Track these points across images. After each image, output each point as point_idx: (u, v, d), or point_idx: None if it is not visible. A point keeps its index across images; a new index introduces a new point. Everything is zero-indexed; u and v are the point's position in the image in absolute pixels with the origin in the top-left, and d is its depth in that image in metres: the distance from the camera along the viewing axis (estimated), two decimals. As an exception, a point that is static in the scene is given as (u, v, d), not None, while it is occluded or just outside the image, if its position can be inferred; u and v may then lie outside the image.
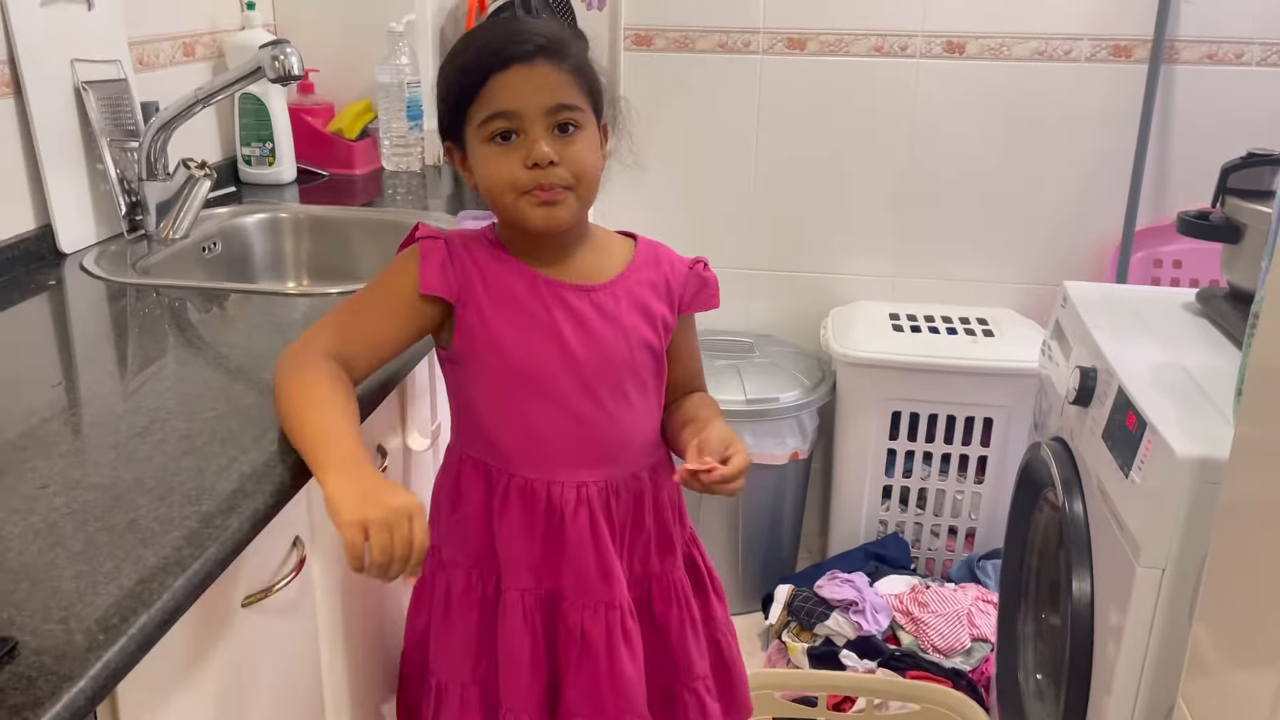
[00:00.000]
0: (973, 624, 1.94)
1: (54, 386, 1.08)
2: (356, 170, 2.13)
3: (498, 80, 1.00)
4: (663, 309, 1.13)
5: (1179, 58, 2.16)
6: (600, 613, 1.12)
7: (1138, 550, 1.15)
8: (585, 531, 1.10)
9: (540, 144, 1.00)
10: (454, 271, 1.06)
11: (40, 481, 0.88)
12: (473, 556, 1.14)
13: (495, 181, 1.02)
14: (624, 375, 1.10)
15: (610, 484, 1.11)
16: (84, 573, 0.75)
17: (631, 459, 1.13)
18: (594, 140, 1.05)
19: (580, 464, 1.10)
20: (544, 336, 1.07)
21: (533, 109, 1.00)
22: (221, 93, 1.58)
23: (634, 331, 1.10)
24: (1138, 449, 1.18)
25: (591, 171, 1.04)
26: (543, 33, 1.02)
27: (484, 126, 1.01)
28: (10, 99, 1.44)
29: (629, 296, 1.11)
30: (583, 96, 1.03)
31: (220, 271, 1.71)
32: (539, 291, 1.08)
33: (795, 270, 2.42)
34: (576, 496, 1.10)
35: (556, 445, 1.09)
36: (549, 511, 1.10)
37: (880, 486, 2.22)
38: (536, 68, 1.00)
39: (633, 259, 1.13)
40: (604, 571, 1.11)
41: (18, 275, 1.44)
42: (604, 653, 1.12)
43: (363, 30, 2.12)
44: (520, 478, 1.10)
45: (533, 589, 1.12)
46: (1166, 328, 1.46)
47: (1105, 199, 2.25)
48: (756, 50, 2.29)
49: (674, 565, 1.19)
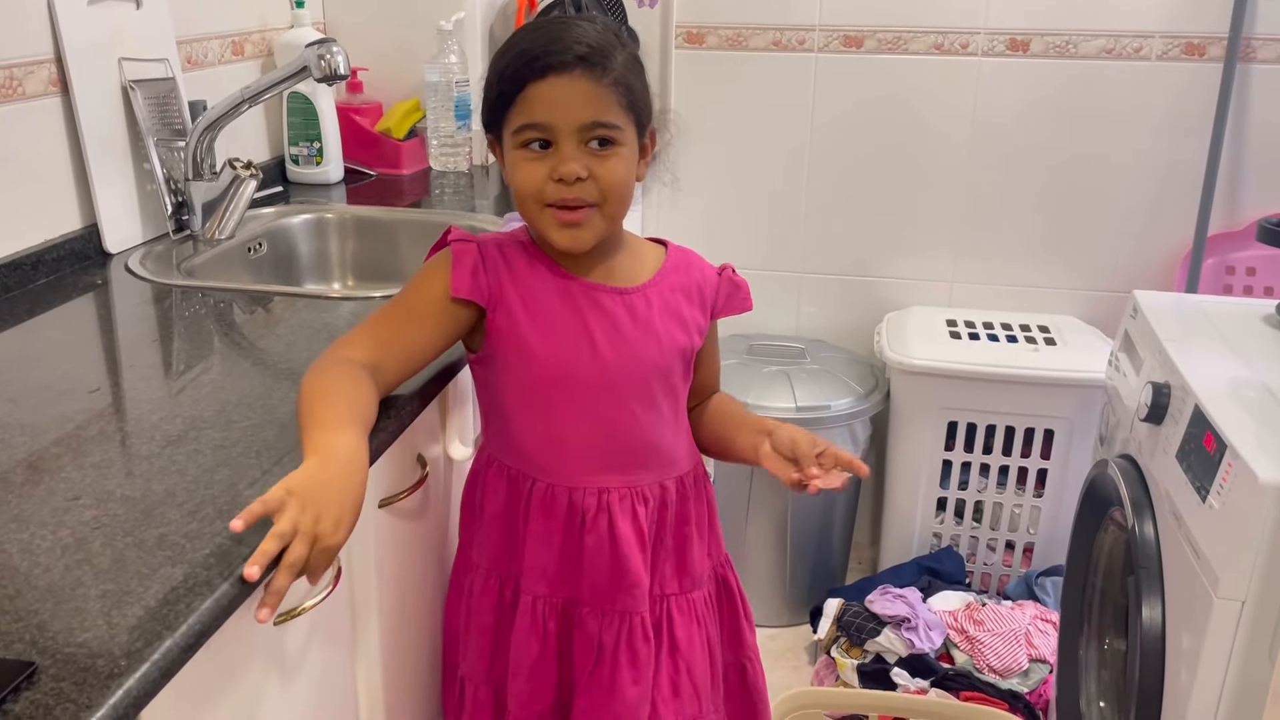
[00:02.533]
0: (1030, 644, 1.87)
1: (92, 392, 1.07)
2: (404, 170, 2.11)
3: (534, 89, 0.97)
4: (695, 313, 1.12)
5: (1255, 56, 2.06)
6: (614, 624, 1.10)
7: (1215, 581, 1.08)
8: (604, 538, 1.08)
9: (569, 159, 0.98)
10: (486, 275, 1.04)
11: (73, 492, 0.86)
12: (492, 559, 1.14)
13: (522, 189, 1.01)
14: (653, 380, 1.08)
15: (635, 490, 1.09)
16: (110, 592, 0.73)
17: (657, 466, 1.11)
18: (629, 156, 1.02)
19: (604, 469, 1.08)
20: (575, 339, 1.05)
21: (566, 123, 0.97)
22: (267, 92, 1.57)
23: (666, 336, 1.09)
24: (1216, 472, 1.11)
25: (620, 189, 1.01)
26: (585, 41, 0.98)
27: (518, 134, 1.00)
28: (58, 98, 1.43)
29: (662, 301, 1.09)
30: (622, 111, 1.00)
31: (265, 272, 1.70)
32: (571, 293, 1.06)
33: (849, 274, 2.36)
34: (598, 503, 1.08)
35: (580, 449, 1.08)
36: (569, 517, 1.09)
37: (934, 498, 2.15)
38: (574, 80, 0.97)
39: (664, 264, 1.12)
40: (623, 578, 1.09)
41: (63, 275, 1.43)
42: (609, 665, 1.10)
43: (412, 29, 2.09)
44: (543, 483, 1.09)
45: (546, 596, 1.11)
46: (1245, 342, 1.39)
47: (1175, 203, 2.16)
48: (811, 48, 2.23)
49: (694, 585, 1.15)
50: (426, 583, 1.23)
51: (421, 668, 1.23)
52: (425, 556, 1.22)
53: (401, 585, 1.16)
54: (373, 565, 1.06)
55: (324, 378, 0.95)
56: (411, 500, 1.12)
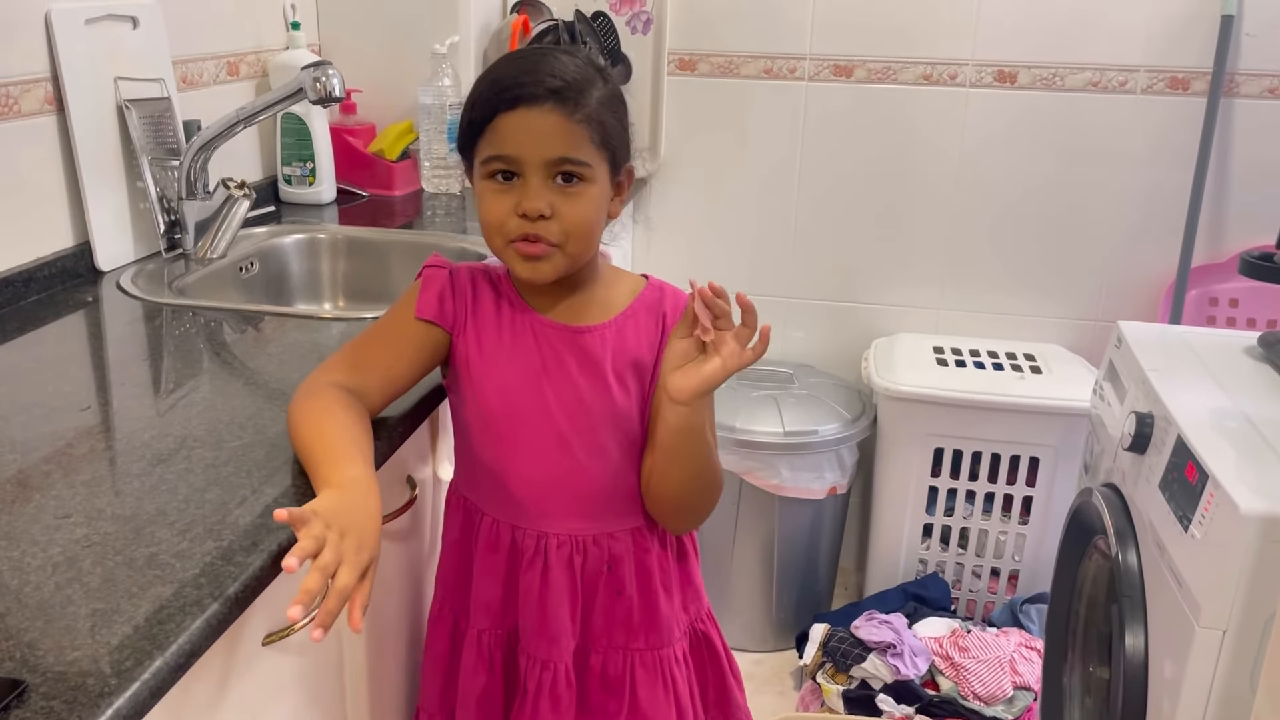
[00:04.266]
0: (1015, 671, 1.87)
1: (82, 410, 1.07)
2: (396, 191, 2.11)
3: (504, 120, 0.96)
4: (653, 340, 1.06)
5: (1239, 91, 2.10)
6: (536, 670, 1.09)
7: (1198, 610, 1.09)
8: (536, 583, 1.07)
9: (534, 195, 0.96)
10: (453, 301, 1.04)
11: (63, 510, 0.86)
12: (447, 589, 1.14)
13: (486, 221, 1.00)
14: (602, 426, 1.04)
15: (575, 540, 1.07)
16: (100, 610, 0.73)
17: (606, 516, 1.08)
18: (598, 195, 0.99)
19: (546, 513, 1.07)
20: (523, 376, 1.04)
21: (533, 157, 0.96)
22: (262, 113, 1.57)
23: (617, 381, 1.05)
24: (1198, 502, 1.12)
25: (583, 230, 0.98)
26: (561, 74, 0.96)
27: (486, 164, 0.98)
28: (53, 116, 1.44)
29: (617, 342, 1.05)
30: (593, 148, 0.97)
31: (257, 292, 1.70)
32: (528, 330, 1.05)
33: (837, 300, 2.37)
34: (535, 546, 1.07)
35: (523, 490, 1.06)
36: (511, 555, 1.08)
37: (920, 524, 2.16)
38: (545, 114, 0.95)
39: (636, 299, 1.07)
40: (544, 628, 1.07)
41: (55, 292, 1.43)
42: (540, 711, 1.09)
43: (406, 51, 2.11)
44: (490, 518, 1.09)
45: (490, 629, 1.11)
46: (1227, 373, 1.41)
47: (1159, 235, 2.19)
48: (802, 77, 2.26)
49: (663, 641, 1.12)
50: (413, 604, 1.23)
51: (409, 692, 1.23)
52: (414, 577, 1.22)
53: (390, 607, 1.16)
54: (361, 586, 1.06)
55: (318, 405, 0.95)
56: (400, 521, 1.13)
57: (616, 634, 1.11)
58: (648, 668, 1.11)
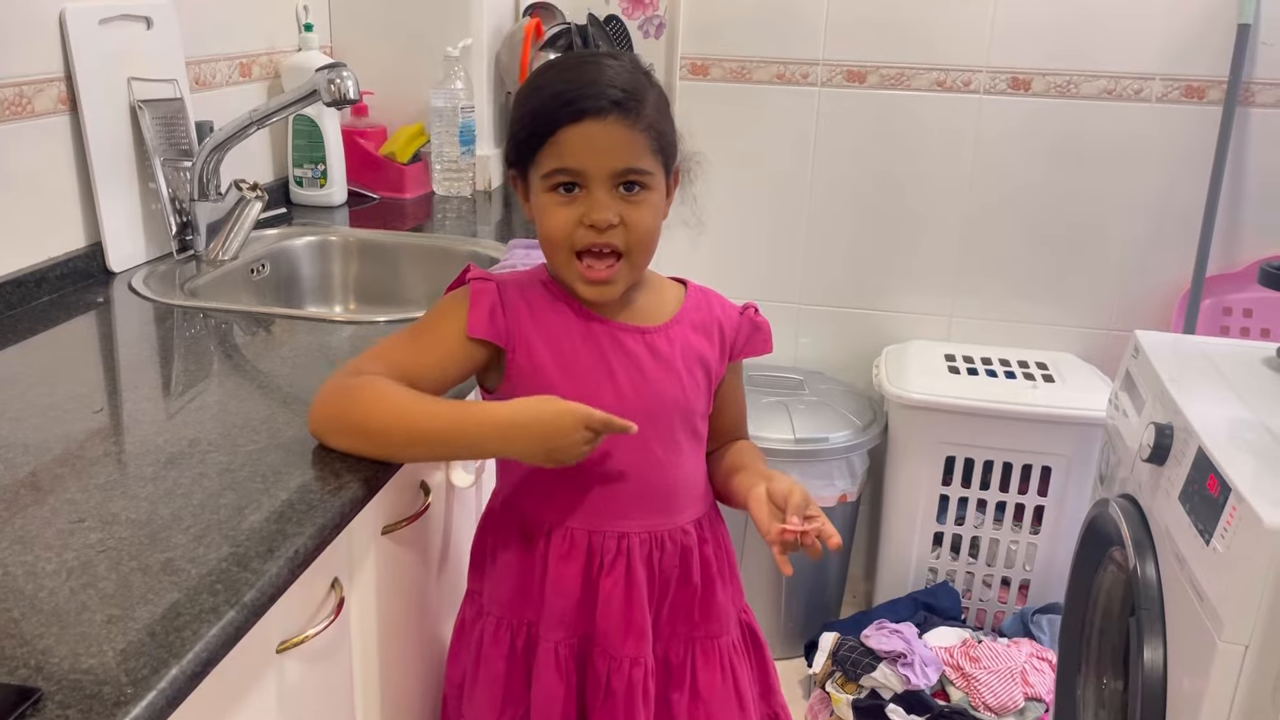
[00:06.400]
0: (1026, 682, 1.86)
1: (95, 413, 1.06)
2: (407, 194, 2.11)
3: (568, 133, 0.96)
4: (714, 353, 1.10)
5: (1254, 100, 2.09)
6: (624, 668, 1.07)
7: (1220, 624, 1.08)
8: (620, 584, 1.06)
9: (602, 206, 0.97)
10: (504, 316, 1.03)
11: (77, 515, 0.85)
12: (504, 606, 1.11)
13: (551, 234, 0.99)
14: (676, 421, 1.07)
15: (655, 536, 1.07)
16: (116, 617, 0.72)
17: (679, 510, 1.09)
18: (658, 201, 1.01)
19: (625, 513, 1.06)
20: (598, 378, 1.03)
21: (600, 169, 0.96)
22: (276, 115, 1.57)
23: (688, 375, 1.07)
24: (1220, 515, 1.11)
25: (649, 237, 1.00)
26: (619, 84, 0.96)
27: (549, 177, 0.98)
28: (66, 116, 1.43)
29: (683, 340, 1.08)
30: (653, 156, 0.98)
31: (268, 294, 1.69)
32: (594, 333, 1.05)
33: (848, 306, 2.36)
34: (617, 547, 1.06)
35: (602, 492, 1.05)
36: (588, 562, 1.06)
37: (931, 533, 2.15)
38: (609, 125, 0.95)
39: (685, 303, 1.10)
40: (630, 627, 1.06)
41: (66, 293, 1.42)
42: (622, 710, 1.07)
43: (418, 54, 2.10)
44: (562, 527, 1.07)
45: (565, 639, 1.08)
46: (1246, 384, 1.39)
47: (1174, 244, 2.18)
48: (815, 82, 2.25)
49: (721, 629, 1.13)
50: (426, 612, 1.22)
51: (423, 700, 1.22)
52: (426, 585, 1.21)
53: (403, 614, 1.15)
54: (373, 592, 1.05)
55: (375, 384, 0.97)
56: (414, 528, 1.11)
57: (680, 624, 1.11)
58: (708, 656, 1.11)
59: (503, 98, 2.24)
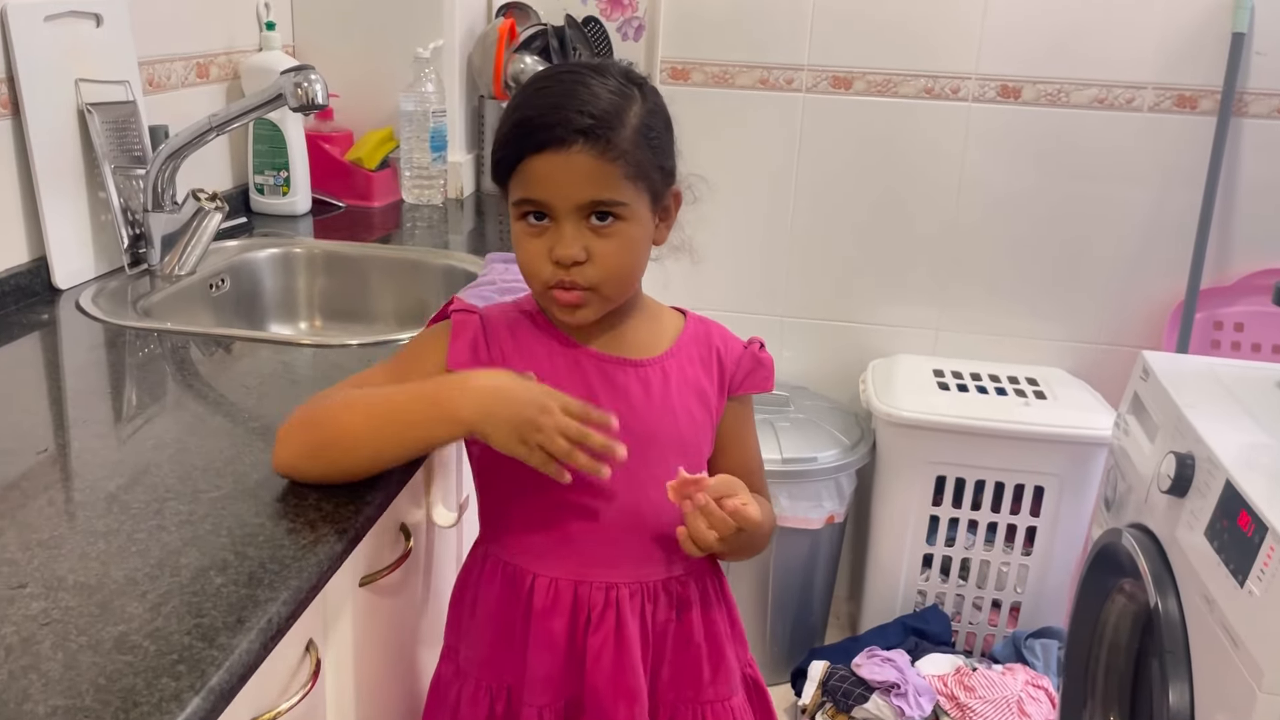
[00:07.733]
0: (1023, 711, 1.80)
1: (39, 454, 0.95)
2: (374, 202, 2.00)
3: (531, 164, 0.89)
4: (713, 387, 1.02)
5: (1248, 110, 2.04)
6: None
7: (1259, 673, 1.02)
8: (610, 639, 0.98)
9: (567, 241, 0.90)
10: (487, 350, 0.96)
11: (17, 579, 0.75)
12: (483, 665, 1.02)
13: (523, 265, 0.94)
14: (671, 459, 0.97)
15: (646, 587, 0.99)
16: (62, 709, 0.62)
17: (675, 558, 1.00)
18: (635, 232, 0.92)
19: (614, 561, 0.98)
20: None
21: (564, 202, 0.89)
22: (237, 120, 1.46)
23: (684, 411, 0.99)
24: (1256, 556, 1.05)
25: (620, 271, 0.92)
26: (590, 109, 0.88)
27: (518, 205, 0.92)
28: (7, 120, 1.32)
29: (679, 373, 1.00)
30: (628, 184, 0.90)
31: (228, 310, 1.58)
32: (581, 366, 0.97)
33: (833, 319, 2.29)
34: (605, 599, 0.98)
35: (590, 538, 0.97)
36: (573, 616, 0.98)
37: (920, 554, 2.08)
38: (573, 156, 0.87)
39: (682, 334, 1.03)
40: (621, 688, 0.98)
41: (8, 313, 1.31)
42: None
43: (387, 55, 2.00)
44: (545, 578, 0.98)
45: (550, 704, 0.99)
46: (1263, 409, 1.34)
47: (1165, 256, 2.13)
48: (799, 88, 2.18)
49: (729, 692, 1.05)
50: (407, 669, 1.12)
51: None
52: (405, 639, 1.12)
53: (382, 674, 1.05)
54: (350, 653, 0.96)
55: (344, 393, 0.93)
56: (393, 577, 1.02)
57: (685, 687, 1.03)
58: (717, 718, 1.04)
59: (475, 101, 2.14)
